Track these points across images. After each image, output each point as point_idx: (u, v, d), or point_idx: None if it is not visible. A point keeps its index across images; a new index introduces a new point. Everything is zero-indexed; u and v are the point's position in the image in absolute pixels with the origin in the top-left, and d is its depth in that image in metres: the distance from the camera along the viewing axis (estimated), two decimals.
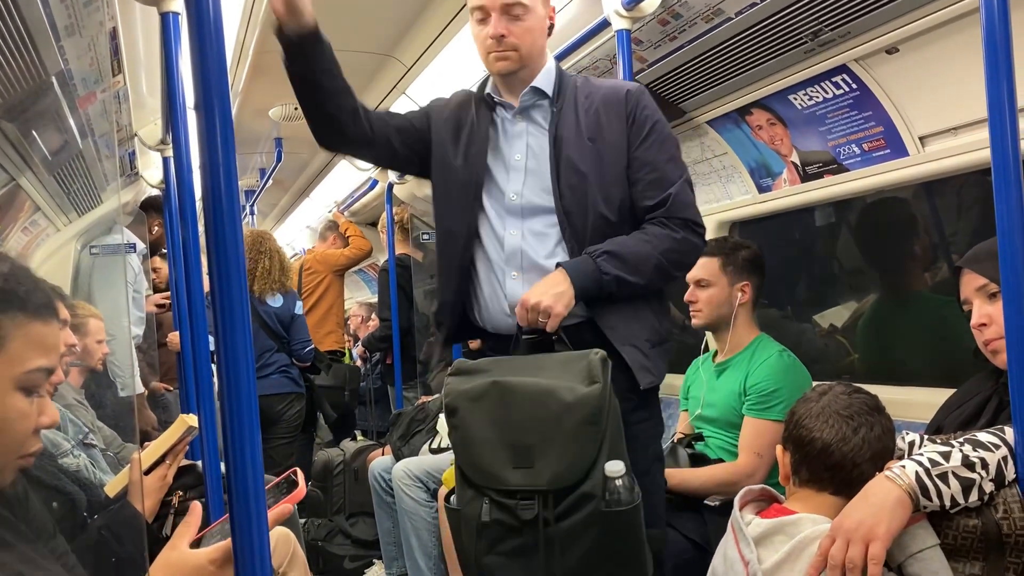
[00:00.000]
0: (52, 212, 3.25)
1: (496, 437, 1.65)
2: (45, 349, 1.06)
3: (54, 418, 1.11)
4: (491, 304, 1.93)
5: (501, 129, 1.97)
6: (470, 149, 1.95)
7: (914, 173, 2.31)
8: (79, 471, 1.99)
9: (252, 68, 3.40)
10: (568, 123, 1.90)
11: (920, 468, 1.29)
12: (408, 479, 3.32)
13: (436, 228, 2.04)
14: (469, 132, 1.96)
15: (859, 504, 1.31)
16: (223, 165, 0.87)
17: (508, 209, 1.91)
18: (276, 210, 7.54)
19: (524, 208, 1.90)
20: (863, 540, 1.26)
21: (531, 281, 1.84)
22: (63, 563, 1.17)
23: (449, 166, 1.96)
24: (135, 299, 3.89)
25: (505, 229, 1.91)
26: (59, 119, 2.27)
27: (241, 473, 0.87)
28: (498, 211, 1.92)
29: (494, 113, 1.98)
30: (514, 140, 1.95)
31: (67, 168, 2.84)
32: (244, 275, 0.88)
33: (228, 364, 0.86)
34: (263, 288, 3.99)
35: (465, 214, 1.93)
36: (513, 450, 1.63)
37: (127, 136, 3.18)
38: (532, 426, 1.63)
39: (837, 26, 2.16)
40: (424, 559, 3.28)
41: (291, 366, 4.11)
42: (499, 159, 1.95)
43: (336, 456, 4.16)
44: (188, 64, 0.91)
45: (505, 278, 1.90)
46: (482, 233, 1.94)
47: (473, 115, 1.98)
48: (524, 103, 1.94)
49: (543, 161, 1.89)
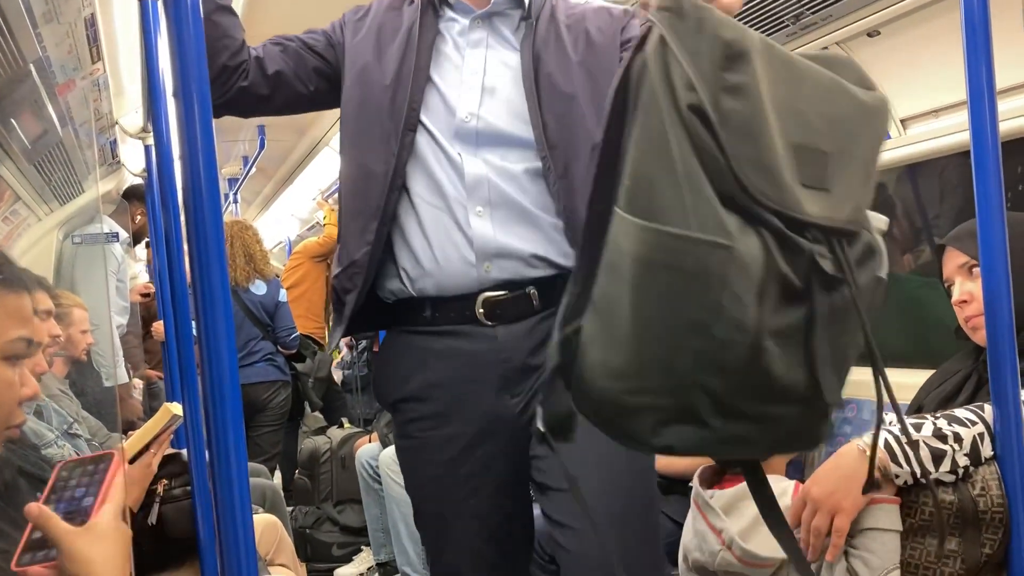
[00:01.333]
0: (33, 201, 3.22)
1: (778, 127, 0.87)
2: (21, 319, 1.08)
3: (35, 389, 1.13)
4: (441, 255, 1.49)
5: (450, 37, 1.57)
6: (406, 62, 1.53)
7: (896, 156, 2.33)
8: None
9: None
10: (547, 40, 1.54)
11: (890, 436, 1.31)
12: (396, 465, 3.32)
13: (342, 171, 1.63)
14: (406, 41, 1.56)
15: (829, 473, 1.34)
16: (203, 152, 0.87)
17: (458, 133, 1.51)
18: (260, 198, 7.51)
19: (481, 134, 1.51)
20: (829, 512, 1.30)
21: (503, 222, 1.48)
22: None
23: (370, 89, 1.55)
24: (119, 288, 3.87)
25: (462, 155, 1.50)
26: (38, 107, 2.25)
27: (225, 461, 0.87)
28: (445, 135, 1.51)
29: (441, 18, 1.58)
30: (469, 52, 1.55)
31: (47, 157, 2.81)
32: (225, 263, 0.88)
33: (210, 351, 0.86)
34: (233, 276, 3.97)
35: (390, 144, 1.51)
36: (799, 156, 0.88)
37: (108, 124, 3.15)
38: (823, 126, 0.91)
39: (818, 9, 2.16)
40: (412, 545, 3.29)
41: (276, 354, 4.10)
42: (447, 73, 1.55)
43: (323, 444, 4.16)
44: (167, 51, 0.90)
45: (468, 215, 1.48)
46: (416, 169, 1.52)
47: (415, 20, 1.57)
48: (496, 7, 1.56)
49: (508, 82, 1.53)
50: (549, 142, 1.48)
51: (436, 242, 1.49)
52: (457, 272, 1.49)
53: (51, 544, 0.99)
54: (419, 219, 1.51)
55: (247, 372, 3.87)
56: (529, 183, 1.50)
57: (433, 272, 1.50)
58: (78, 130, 2.72)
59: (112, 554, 1.00)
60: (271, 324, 4.09)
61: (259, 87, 1.59)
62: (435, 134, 1.51)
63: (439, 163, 1.51)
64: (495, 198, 1.49)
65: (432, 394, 1.53)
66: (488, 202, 1.49)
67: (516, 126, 1.51)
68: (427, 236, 1.50)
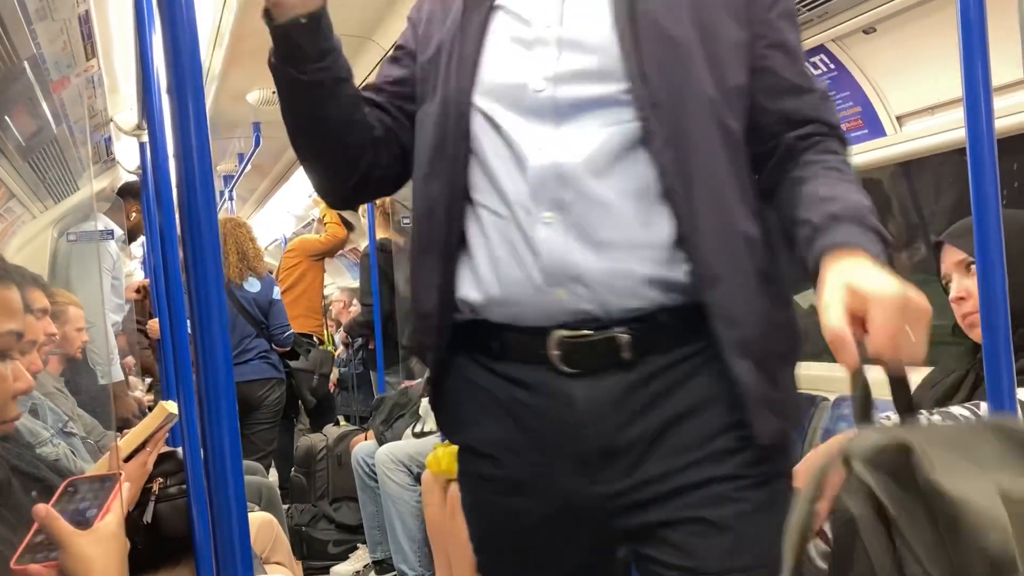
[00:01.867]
0: (27, 199, 3.22)
1: None
2: (10, 312, 1.09)
3: (29, 383, 1.14)
4: (504, 275, 1.12)
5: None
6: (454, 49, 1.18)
7: (891, 153, 2.33)
8: (58, 460, 1.98)
9: (229, 52, 3.37)
10: None
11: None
12: (391, 463, 3.32)
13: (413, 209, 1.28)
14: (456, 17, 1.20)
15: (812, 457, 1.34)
16: (197, 148, 0.86)
17: (532, 109, 1.12)
18: (255, 195, 7.50)
19: (561, 104, 1.11)
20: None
21: (580, 228, 1.08)
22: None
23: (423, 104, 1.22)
24: (114, 286, 3.87)
25: (528, 144, 1.11)
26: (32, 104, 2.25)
27: (219, 458, 0.87)
28: (511, 121, 1.13)
29: None
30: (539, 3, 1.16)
31: (42, 154, 2.80)
32: (220, 260, 0.88)
33: (204, 349, 0.85)
34: (226, 274, 3.96)
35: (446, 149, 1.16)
36: None
37: (103, 121, 3.14)
38: None
39: (815, 6, 2.16)
40: (408, 543, 3.29)
41: (271, 351, 4.10)
42: (509, 37, 1.17)
43: (319, 441, 4.16)
44: (161, 47, 0.90)
45: (534, 226, 1.09)
46: (476, 168, 1.15)
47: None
48: None
49: (593, 27, 1.13)
50: (652, 97, 1.08)
51: (500, 259, 1.12)
52: (523, 298, 1.11)
53: (54, 546, 1.03)
54: (483, 230, 1.14)
55: (241, 370, 3.87)
56: (615, 161, 1.09)
57: (495, 296, 1.13)
58: (72, 127, 2.71)
59: (112, 557, 1.04)
60: (265, 322, 4.09)
61: (391, 168, 1.26)
62: (493, 116, 1.14)
63: (497, 155, 1.14)
64: (568, 196, 1.09)
65: (496, 453, 1.19)
66: (558, 204, 1.09)
67: (600, 83, 1.11)
68: (491, 252, 1.13)
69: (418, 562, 3.28)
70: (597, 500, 1.11)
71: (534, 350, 1.12)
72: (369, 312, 4.49)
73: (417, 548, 3.28)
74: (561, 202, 1.09)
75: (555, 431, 1.12)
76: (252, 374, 3.99)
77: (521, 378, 1.14)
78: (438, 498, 3.03)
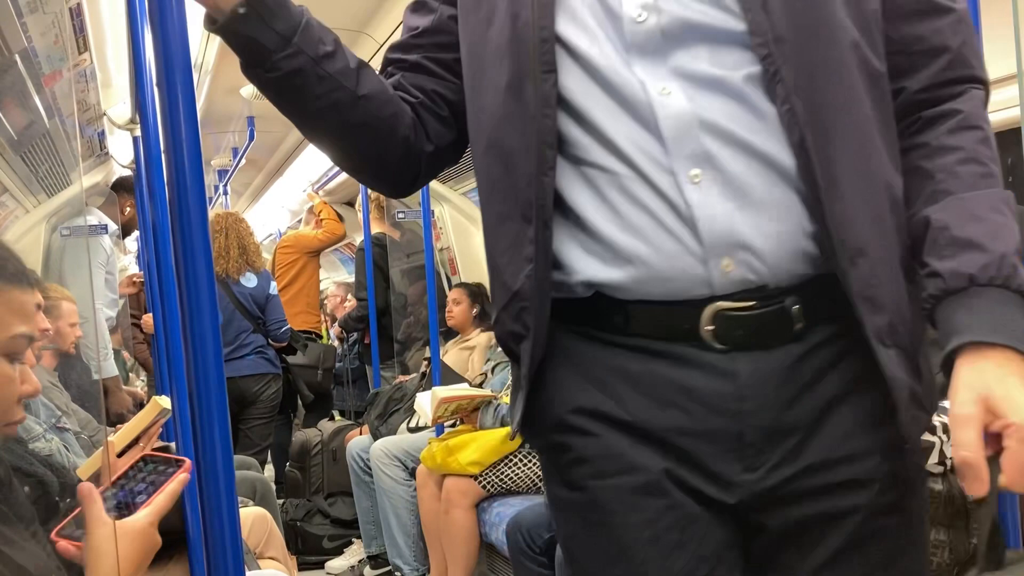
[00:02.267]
0: (20, 193, 3.21)
1: None
2: (24, 315, 1.09)
3: (36, 387, 1.14)
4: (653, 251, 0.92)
5: None
6: None
7: None
8: (51, 455, 1.98)
9: (222, 45, 3.35)
10: None
11: None
12: (386, 458, 3.33)
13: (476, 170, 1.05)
14: None
15: None
16: (187, 142, 0.86)
17: (636, 43, 0.93)
18: (250, 190, 7.49)
19: (668, 33, 0.93)
20: None
21: (739, 187, 0.91)
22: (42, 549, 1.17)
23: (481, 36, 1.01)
24: (108, 281, 3.86)
25: (642, 88, 0.92)
26: (24, 98, 2.24)
27: (210, 453, 0.87)
28: (611, 58, 0.94)
29: None
30: None
31: (34, 148, 2.79)
32: (210, 255, 0.88)
33: (195, 344, 0.85)
34: (225, 267, 3.96)
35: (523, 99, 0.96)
36: None
37: (96, 116, 3.13)
38: None
39: None
40: (403, 537, 3.30)
41: (267, 347, 4.10)
42: None
43: (314, 436, 4.16)
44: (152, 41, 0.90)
45: (681, 184, 0.91)
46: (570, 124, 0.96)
47: None
48: None
49: None
50: (774, 30, 0.90)
51: (641, 228, 0.93)
52: (675, 272, 0.93)
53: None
54: (597, 192, 0.95)
55: (238, 365, 3.87)
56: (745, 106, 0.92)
57: (637, 272, 0.94)
58: (65, 121, 2.70)
59: (127, 555, 1.04)
60: (262, 317, 4.08)
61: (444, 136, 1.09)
62: (590, 58, 0.94)
63: (595, 98, 0.94)
64: (714, 149, 0.91)
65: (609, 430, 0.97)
66: (703, 159, 0.91)
67: (716, 10, 0.92)
68: (621, 219, 0.94)
69: (413, 556, 3.28)
70: (750, 490, 0.94)
71: (677, 325, 0.94)
72: (364, 307, 4.50)
73: (412, 542, 3.28)
74: (707, 156, 0.91)
75: (711, 408, 0.94)
76: (248, 369, 3.99)
77: (662, 349, 0.96)
78: (433, 492, 3.03)
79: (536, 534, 2.47)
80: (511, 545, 2.54)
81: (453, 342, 3.97)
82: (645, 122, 0.92)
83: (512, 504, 2.75)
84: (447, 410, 2.98)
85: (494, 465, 2.85)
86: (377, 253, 4.46)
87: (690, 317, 0.93)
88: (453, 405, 2.98)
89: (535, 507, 2.55)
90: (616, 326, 0.97)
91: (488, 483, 2.85)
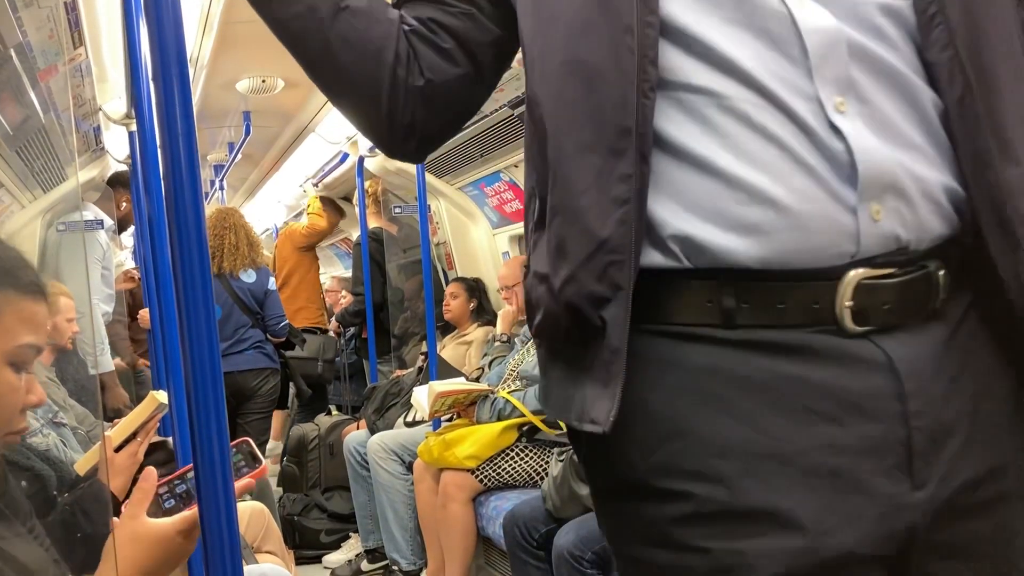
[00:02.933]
0: (16, 188, 3.20)
1: None
2: (34, 326, 1.09)
3: (41, 397, 1.14)
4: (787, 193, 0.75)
5: None
6: None
7: None
8: (48, 450, 1.98)
9: (218, 40, 3.35)
10: None
11: None
12: (383, 452, 3.33)
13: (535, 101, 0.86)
14: None
15: None
16: (183, 137, 0.86)
17: None
18: (246, 185, 7.47)
19: None
20: None
21: (879, 117, 0.76)
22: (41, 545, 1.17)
23: None
24: (104, 276, 3.86)
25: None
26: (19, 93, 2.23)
27: (208, 448, 0.87)
28: None
29: None
30: None
31: (30, 143, 2.79)
32: (206, 250, 0.87)
33: (191, 338, 0.85)
34: (233, 264, 3.96)
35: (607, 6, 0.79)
36: None
37: (91, 111, 3.13)
38: None
39: None
40: (400, 531, 3.30)
41: (266, 342, 4.10)
42: None
43: (311, 431, 4.17)
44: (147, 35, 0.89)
45: (829, 112, 0.75)
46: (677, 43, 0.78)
47: None
48: None
49: None
50: None
51: (770, 165, 0.75)
52: (814, 221, 0.74)
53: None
54: (709, 126, 0.77)
55: (236, 360, 3.87)
56: (896, 33, 0.79)
57: (765, 222, 0.75)
58: (61, 116, 2.69)
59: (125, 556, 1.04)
60: (260, 312, 4.09)
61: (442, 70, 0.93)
62: None
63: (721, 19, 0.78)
64: (858, 74, 0.77)
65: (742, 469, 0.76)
66: (851, 85, 0.76)
67: None
68: (747, 156, 0.75)
69: (410, 550, 3.29)
70: (914, 513, 0.75)
71: (806, 304, 0.75)
72: (361, 302, 4.49)
73: (409, 537, 3.29)
74: (851, 83, 0.76)
75: (865, 412, 0.75)
76: (246, 364, 3.99)
77: (779, 341, 0.76)
78: (430, 486, 3.04)
79: (533, 527, 2.48)
80: (508, 539, 2.55)
81: (450, 337, 3.98)
82: (779, 39, 0.76)
83: (509, 498, 2.76)
84: (444, 404, 2.98)
85: (491, 459, 2.85)
86: (374, 248, 4.45)
87: (823, 292, 0.75)
88: (450, 399, 2.98)
89: (532, 501, 2.55)
90: (724, 313, 0.77)
91: (485, 477, 2.85)
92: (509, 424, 2.87)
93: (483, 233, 4.36)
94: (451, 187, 4.34)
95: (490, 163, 3.81)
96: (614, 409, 0.76)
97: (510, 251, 4.16)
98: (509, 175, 3.79)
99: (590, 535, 2.23)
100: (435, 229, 4.42)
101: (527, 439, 2.89)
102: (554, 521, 2.43)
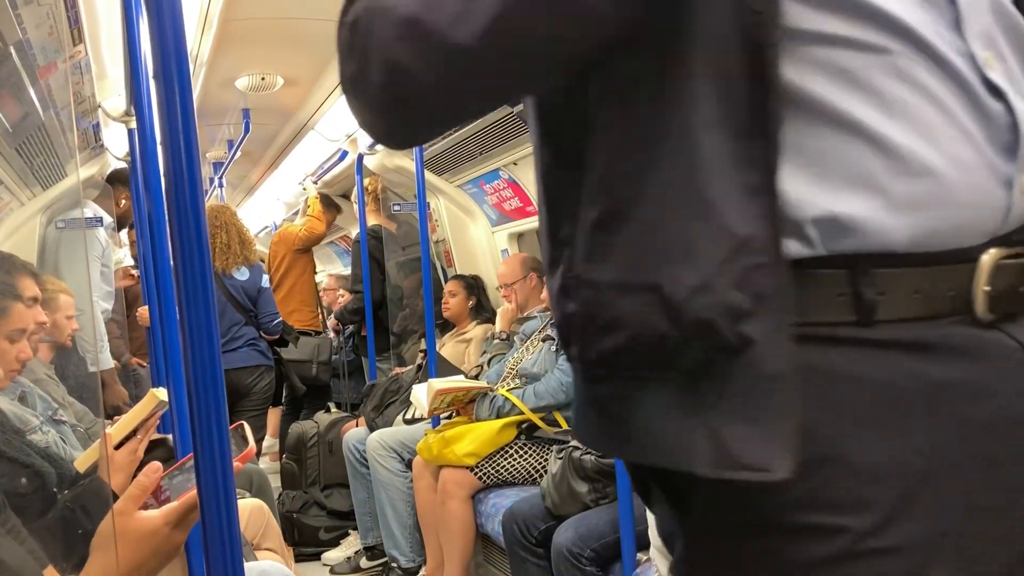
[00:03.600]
0: (15, 186, 3.20)
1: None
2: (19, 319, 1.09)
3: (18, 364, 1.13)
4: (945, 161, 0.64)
5: None
6: None
7: None
8: (48, 447, 1.98)
9: (217, 37, 3.35)
10: None
11: None
12: (382, 450, 3.33)
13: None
14: None
15: None
16: (183, 134, 0.86)
17: None
18: (245, 182, 7.47)
19: None
20: None
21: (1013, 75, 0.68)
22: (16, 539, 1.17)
23: None
24: (103, 273, 3.85)
25: None
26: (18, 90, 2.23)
27: (208, 445, 0.87)
28: None
29: None
30: None
31: (30, 141, 2.79)
32: (207, 247, 0.88)
33: (193, 336, 0.85)
34: (225, 263, 3.96)
35: None
36: None
37: (91, 108, 3.12)
38: None
39: None
40: (399, 529, 3.30)
41: (259, 339, 4.10)
42: None
43: (310, 428, 4.17)
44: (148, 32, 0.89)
45: (983, 67, 0.67)
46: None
47: None
48: None
49: None
50: None
51: (925, 129, 0.64)
52: (973, 191, 0.65)
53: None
54: (862, 86, 0.64)
55: (230, 357, 3.88)
56: None
57: (920, 195, 0.64)
58: (60, 113, 2.69)
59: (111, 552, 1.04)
60: (253, 310, 4.09)
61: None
62: None
63: None
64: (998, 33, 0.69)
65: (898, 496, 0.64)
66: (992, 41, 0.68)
67: None
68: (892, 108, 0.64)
69: (409, 548, 3.29)
70: None
71: (942, 293, 0.65)
72: (360, 299, 4.50)
73: (408, 534, 3.29)
74: (992, 40, 0.67)
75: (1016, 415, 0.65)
76: (241, 361, 3.99)
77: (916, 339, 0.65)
78: (429, 484, 3.04)
79: (532, 525, 2.48)
80: (507, 536, 2.55)
81: (449, 334, 3.98)
82: None
83: (508, 495, 2.76)
84: (443, 402, 2.99)
85: (490, 456, 2.86)
86: (373, 245, 4.45)
87: (960, 276, 0.65)
88: (449, 397, 2.99)
89: (531, 498, 2.56)
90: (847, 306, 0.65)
91: (484, 474, 2.85)
92: (508, 422, 2.87)
93: (482, 231, 4.36)
94: (450, 185, 4.34)
95: (489, 161, 3.81)
96: (791, 451, 0.61)
97: (509, 249, 4.16)
98: (508, 173, 3.79)
99: (589, 532, 2.24)
100: (434, 227, 4.42)
101: (526, 436, 2.89)
102: (553, 518, 2.43)
